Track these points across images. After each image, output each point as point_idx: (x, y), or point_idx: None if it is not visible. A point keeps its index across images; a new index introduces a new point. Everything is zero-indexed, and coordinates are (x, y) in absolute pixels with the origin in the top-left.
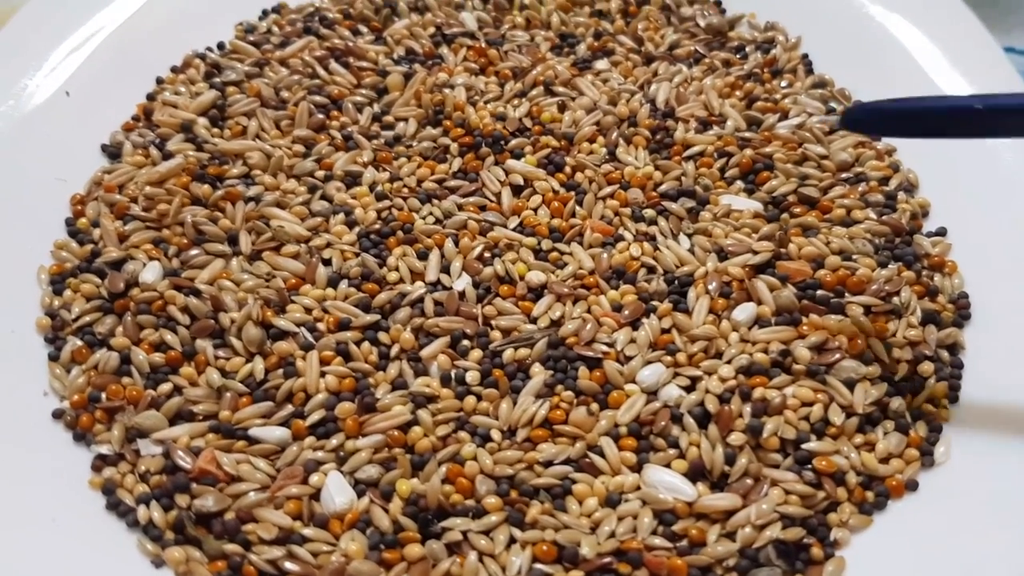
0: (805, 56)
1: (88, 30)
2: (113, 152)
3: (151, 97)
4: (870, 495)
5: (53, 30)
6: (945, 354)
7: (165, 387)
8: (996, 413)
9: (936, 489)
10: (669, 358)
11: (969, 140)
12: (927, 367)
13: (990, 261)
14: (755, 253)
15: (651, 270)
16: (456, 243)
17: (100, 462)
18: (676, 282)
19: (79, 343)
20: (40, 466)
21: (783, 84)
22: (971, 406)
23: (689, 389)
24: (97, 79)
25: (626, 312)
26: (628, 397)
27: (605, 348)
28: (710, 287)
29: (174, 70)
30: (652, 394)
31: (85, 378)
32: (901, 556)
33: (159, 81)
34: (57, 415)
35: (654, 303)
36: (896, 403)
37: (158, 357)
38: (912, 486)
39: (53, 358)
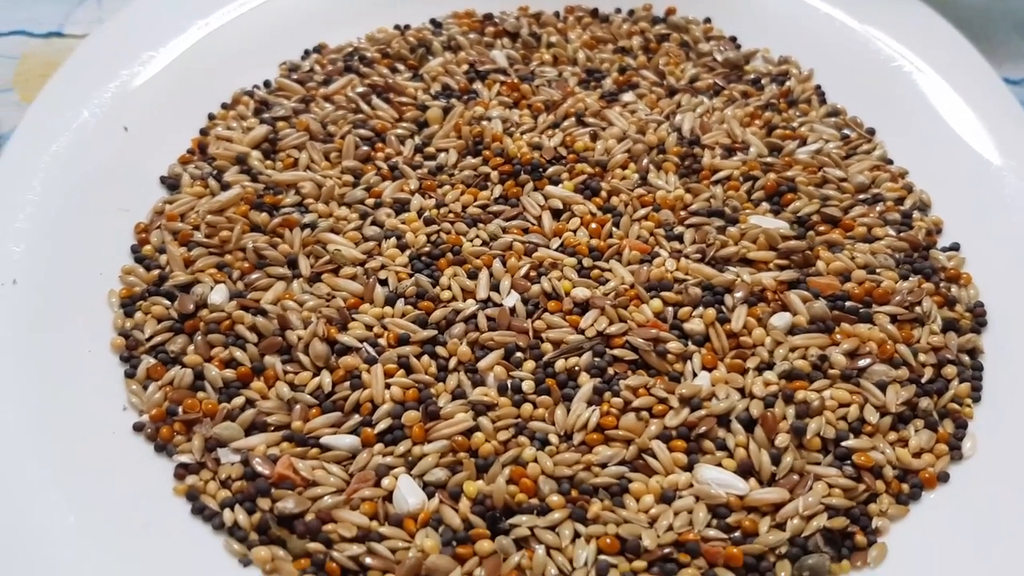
0: (818, 87)
1: (139, 69)
2: (172, 183)
3: (204, 132)
4: (906, 487)
5: (107, 69)
6: (966, 358)
7: (238, 400)
8: (1015, 410)
9: (965, 480)
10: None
11: (976, 163)
12: (950, 370)
13: (1001, 273)
14: (781, 268)
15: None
16: (503, 263)
17: (183, 470)
18: (710, 290)
19: (153, 361)
20: (126, 476)
21: (798, 113)
22: (993, 404)
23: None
24: (151, 116)
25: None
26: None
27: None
28: (736, 296)
29: (224, 107)
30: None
31: (162, 393)
32: (937, 541)
33: (211, 117)
34: (138, 428)
35: (687, 308)
36: (924, 403)
37: (229, 373)
38: (944, 478)
39: (129, 375)
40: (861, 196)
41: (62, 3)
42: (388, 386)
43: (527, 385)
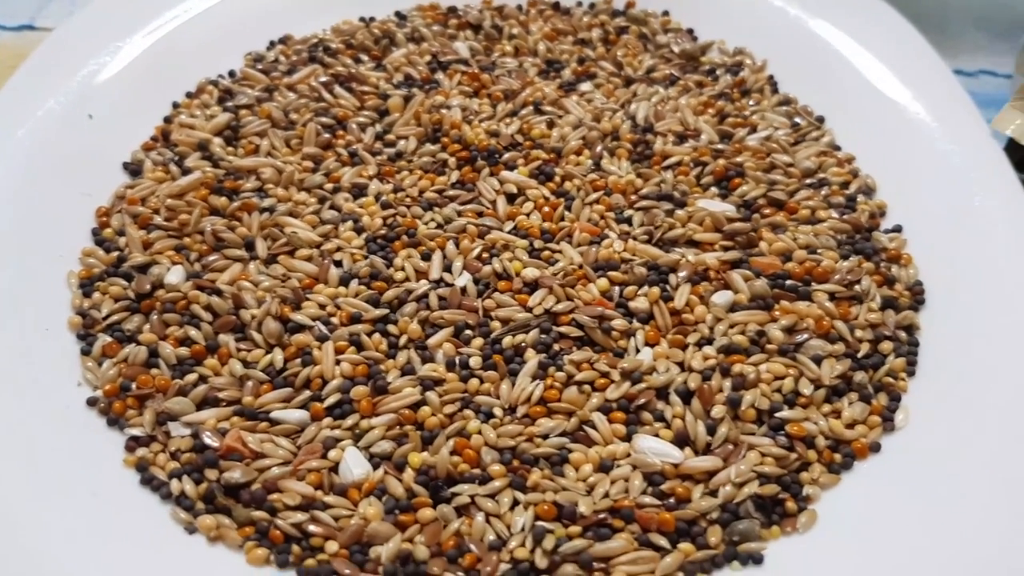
0: (771, 77)
1: (106, 59)
2: (134, 169)
3: (168, 120)
4: (838, 456)
5: (74, 59)
6: (903, 334)
7: (191, 377)
8: (948, 384)
9: (896, 450)
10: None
11: (922, 150)
12: (887, 345)
13: (941, 254)
14: (726, 250)
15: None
16: (457, 245)
17: (133, 443)
18: (656, 269)
19: (109, 339)
20: (77, 448)
21: (751, 102)
22: (927, 378)
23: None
24: (117, 105)
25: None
26: (613, 382)
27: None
28: (680, 275)
29: (189, 95)
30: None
31: (116, 370)
32: (866, 509)
33: (175, 105)
34: (91, 403)
35: (632, 287)
36: (859, 376)
37: (184, 350)
38: (875, 448)
39: (85, 352)
40: (807, 181)
41: None
42: (339, 362)
43: (474, 361)
